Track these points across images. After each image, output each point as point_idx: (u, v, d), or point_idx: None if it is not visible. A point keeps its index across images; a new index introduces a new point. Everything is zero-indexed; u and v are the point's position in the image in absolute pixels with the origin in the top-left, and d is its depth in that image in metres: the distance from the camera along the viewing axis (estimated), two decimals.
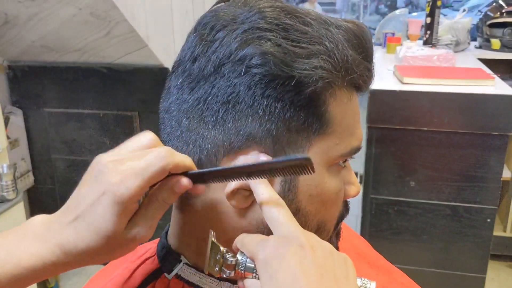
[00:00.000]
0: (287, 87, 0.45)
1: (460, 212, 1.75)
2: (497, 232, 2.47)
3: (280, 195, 0.47)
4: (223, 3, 0.51)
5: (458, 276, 1.81)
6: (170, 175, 0.45)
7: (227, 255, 0.45)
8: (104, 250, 0.43)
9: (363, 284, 0.47)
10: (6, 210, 1.63)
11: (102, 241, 0.42)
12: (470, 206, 1.74)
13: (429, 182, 1.75)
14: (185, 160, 0.45)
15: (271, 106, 0.46)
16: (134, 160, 0.43)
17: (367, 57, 0.50)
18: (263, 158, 0.47)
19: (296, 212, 0.49)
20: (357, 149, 0.52)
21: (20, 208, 1.71)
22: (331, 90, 0.48)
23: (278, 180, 0.48)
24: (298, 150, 0.48)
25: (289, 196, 0.49)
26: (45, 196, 2.52)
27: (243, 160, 0.47)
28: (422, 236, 1.82)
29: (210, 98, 0.47)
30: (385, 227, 1.83)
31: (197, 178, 0.46)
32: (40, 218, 0.46)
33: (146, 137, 0.46)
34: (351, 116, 0.51)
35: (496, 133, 1.65)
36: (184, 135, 0.49)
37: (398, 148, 1.76)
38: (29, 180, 2.39)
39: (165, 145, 0.52)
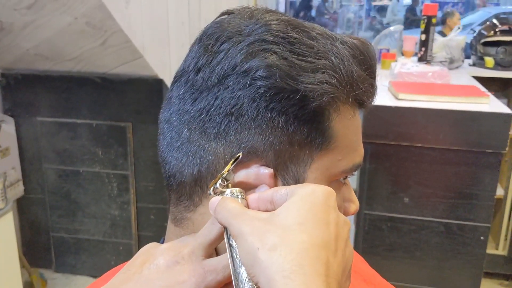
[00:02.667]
0: (292, 101, 0.45)
1: (453, 229, 1.75)
2: (490, 250, 2.47)
3: None
4: (227, 15, 0.51)
5: None
6: None
7: (222, 182, 0.46)
8: None
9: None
10: None
11: None
12: (464, 224, 1.74)
13: (423, 198, 1.75)
14: None
15: (275, 120, 0.45)
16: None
17: (371, 74, 0.50)
18: (264, 171, 0.46)
19: None
20: (359, 165, 0.52)
21: (9, 218, 1.68)
22: (335, 106, 0.47)
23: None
24: (300, 164, 0.47)
25: None
26: (35, 206, 2.49)
27: (244, 174, 0.46)
28: (415, 253, 1.81)
29: (212, 109, 0.46)
30: (378, 243, 1.82)
31: None
32: None
33: None
34: (354, 132, 0.50)
35: (490, 150, 1.66)
36: (184, 146, 0.49)
37: (392, 164, 1.76)
38: (19, 190, 2.35)
39: (163, 156, 0.51)
